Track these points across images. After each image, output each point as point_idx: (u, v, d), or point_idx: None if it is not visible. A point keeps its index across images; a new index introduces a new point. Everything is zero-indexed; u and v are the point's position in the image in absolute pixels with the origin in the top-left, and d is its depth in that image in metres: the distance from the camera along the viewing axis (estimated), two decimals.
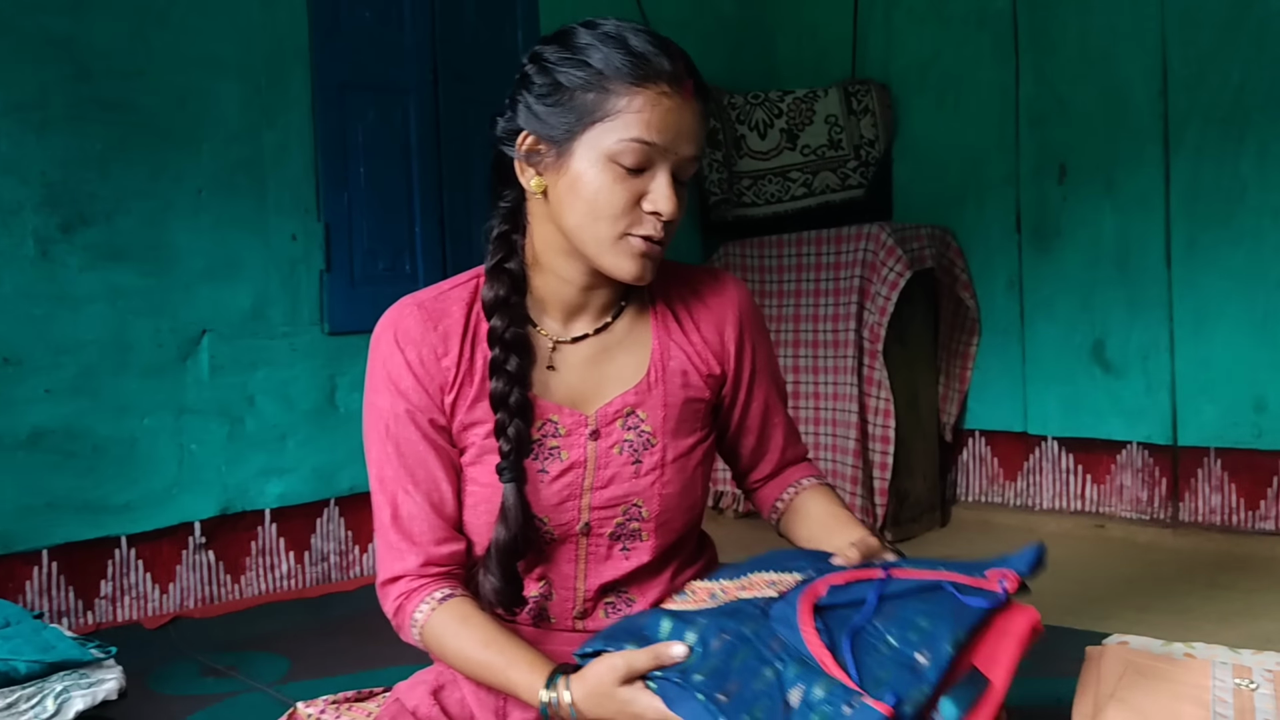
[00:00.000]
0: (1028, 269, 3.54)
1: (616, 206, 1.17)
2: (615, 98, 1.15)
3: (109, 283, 2.60)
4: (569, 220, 1.20)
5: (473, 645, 1.19)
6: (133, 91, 2.64)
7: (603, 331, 1.30)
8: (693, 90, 1.19)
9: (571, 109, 1.17)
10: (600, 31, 1.18)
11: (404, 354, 1.24)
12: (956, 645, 1.01)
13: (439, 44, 3.17)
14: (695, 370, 1.32)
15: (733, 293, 1.36)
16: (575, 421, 1.27)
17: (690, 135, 1.18)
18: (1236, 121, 3.07)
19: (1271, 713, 1.21)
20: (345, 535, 3.00)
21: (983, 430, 3.67)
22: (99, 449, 2.58)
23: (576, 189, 1.18)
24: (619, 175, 1.16)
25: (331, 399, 2.97)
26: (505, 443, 1.23)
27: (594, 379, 1.29)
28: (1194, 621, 2.45)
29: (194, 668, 2.38)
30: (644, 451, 1.28)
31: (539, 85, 1.20)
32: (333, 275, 2.96)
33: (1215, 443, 3.15)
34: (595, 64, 1.16)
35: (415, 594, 1.23)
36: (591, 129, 1.16)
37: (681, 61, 1.19)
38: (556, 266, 1.26)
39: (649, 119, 1.15)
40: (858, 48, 3.94)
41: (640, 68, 1.15)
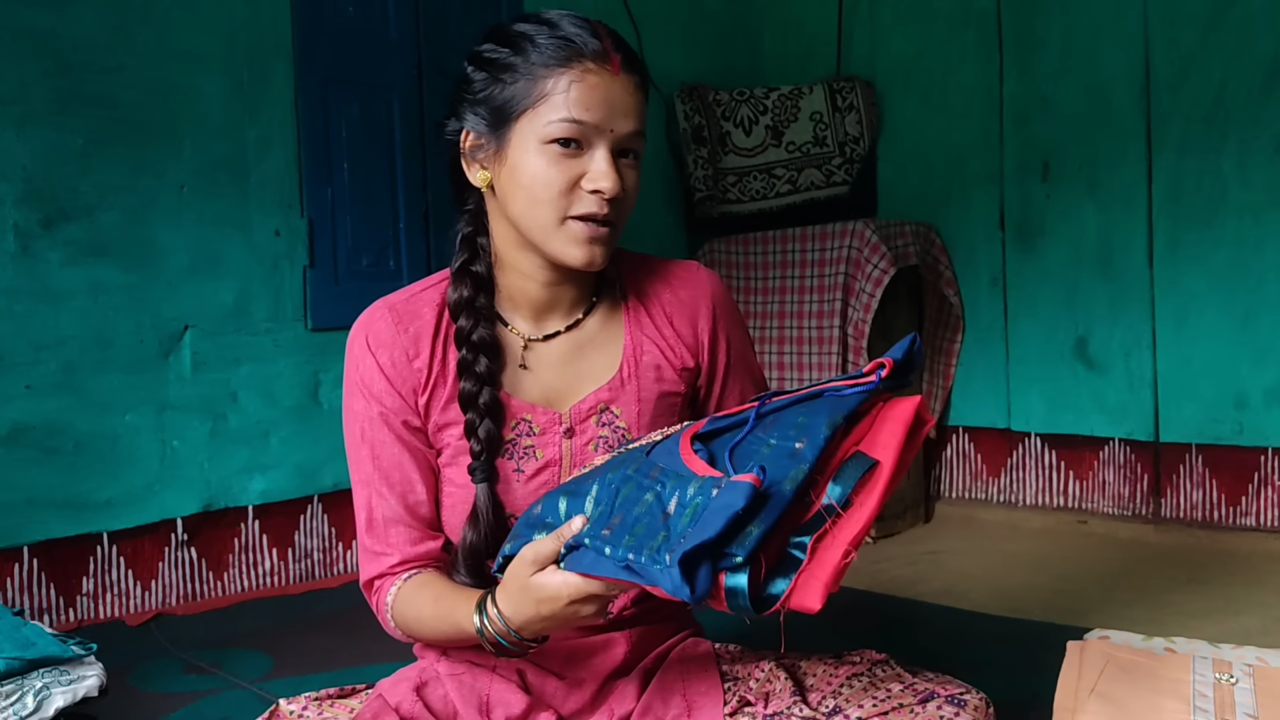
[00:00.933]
0: (1011, 266, 3.55)
1: (554, 189, 1.17)
2: (543, 81, 1.16)
3: (90, 278, 2.58)
4: (513, 209, 1.21)
5: (426, 604, 1.22)
6: (114, 86, 2.62)
7: (574, 329, 1.30)
8: (621, 65, 1.18)
9: (503, 99, 1.19)
10: (530, 22, 1.20)
11: (375, 357, 1.25)
12: (833, 427, 1.00)
13: (423, 39, 3.16)
14: (669, 364, 1.32)
15: (705, 284, 1.36)
16: (549, 420, 1.27)
17: (624, 110, 1.18)
18: (1218, 120, 3.09)
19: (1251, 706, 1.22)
20: (329, 532, 2.99)
21: (966, 427, 3.69)
22: (80, 445, 2.57)
23: (516, 177, 1.19)
24: (555, 157, 1.17)
25: (315, 395, 2.96)
26: (476, 443, 1.24)
27: (568, 377, 1.29)
28: (1175, 617, 2.46)
29: (176, 665, 2.36)
30: (619, 448, 1.28)
31: (476, 82, 1.22)
32: (316, 271, 2.95)
33: (1196, 439, 3.17)
34: (524, 53, 1.18)
35: (386, 584, 1.27)
36: (524, 115, 1.17)
37: (610, 39, 1.19)
38: (517, 262, 1.26)
39: (576, 96, 1.16)
40: (843, 45, 3.95)
41: (564, 49, 1.16)
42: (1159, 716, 1.19)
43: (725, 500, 0.92)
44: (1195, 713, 1.20)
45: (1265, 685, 1.26)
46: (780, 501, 0.95)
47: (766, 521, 0.93)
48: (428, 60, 3.16)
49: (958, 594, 2.74)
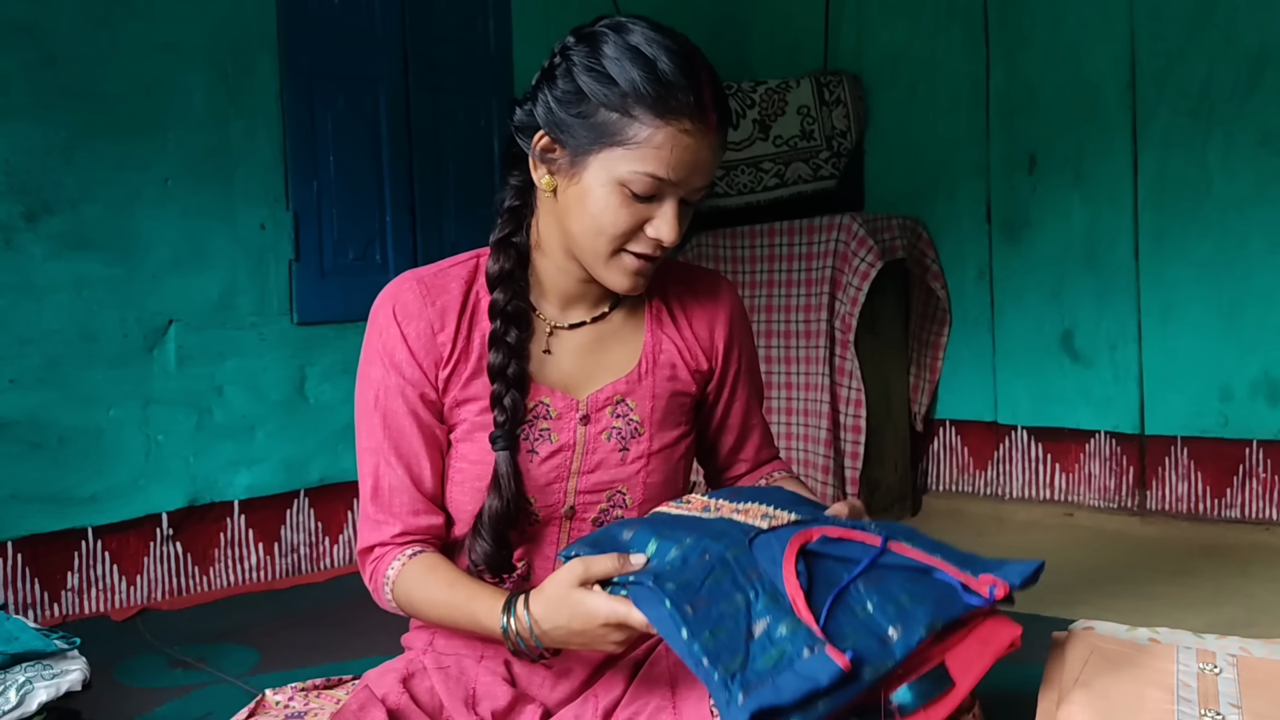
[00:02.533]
0: (998, 260, 3.56)
1: (619, 228, 1.18)
2: (637, 125, 1.13)
3: (74, 272, 2.57)
4: (573, 227, 1.21)
5: (439, 588, 1.21)
6: (98, 79, 2.61)
7: (599, 320, 1.32)
8: (715, 124, 1.16)
9: (592, 124, 1.15)
10: (630, 44, 1.15)
11: (400, 327, 1.25)
12: (930, 630, 1.00)
13: (409, 33, 3.15)
14: (684, 365, 1.34)
15: (726, 295, 1.38)
16: (566, 405, 1.28)
17: (705, 169, 1.17)
18: (1203, 114, 3.10)
19: (1234, 696, 1.22)
20: (315, 527, 2.98)
21: (953, 420, 3.69)
22: (65, 440, 2.56)
23: (584, 202, 1.18)
24: (627, 199, 1.16)
25: (301, 390, 2.95)
26: (500, 413, 1.24)
27: (587, 366, 1.31)
28: (1161, 608, 2.47)
29: (162, 660, 2.35)
30: (631, 440, 1.30)
31: (562, 88, 1.17)
32: (302, 265, 2.94)
33: (1182, 432, 3.18)
34: (621, 84, 1.13)
35: (387, 556, 1.26)
36: (608, 150, 1.15)
37: (709, 91, 1.15)
38: (556, 257, 1.27)
39: (666, 156, 1.13)
40: (830, 39, 3.95)
41: (666, 101, 1.12)
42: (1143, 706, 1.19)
43: (811, 671, 0.94)
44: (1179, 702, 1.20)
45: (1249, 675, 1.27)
46: (857, 688, 0.96)
47: (836, 704, 0.95)
48: (414, 53, 3.15)
49: None
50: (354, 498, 3.04)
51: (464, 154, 3.28)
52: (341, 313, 2.99)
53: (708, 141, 1.16)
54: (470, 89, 3.30)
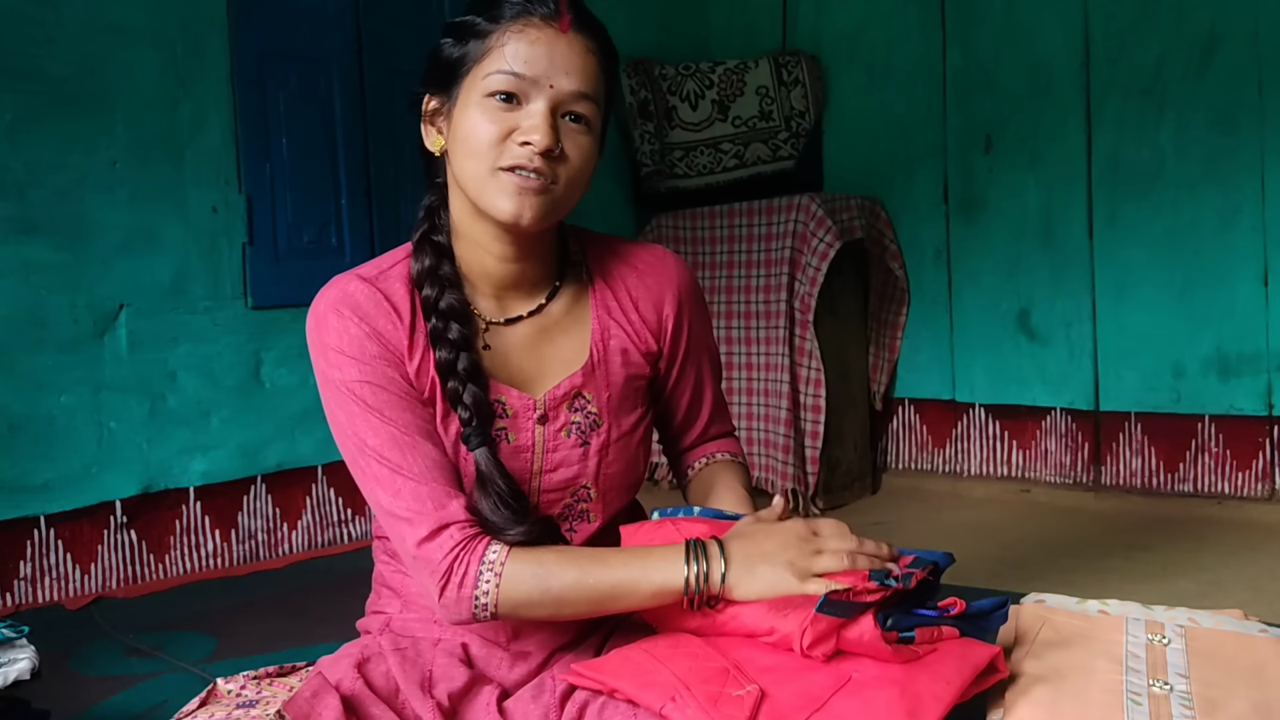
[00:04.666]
0: (955, 240, 3.58)
1: (486, 140, 1.16)
2: (489, 37, 1.16)
3: (21, 257, 2.52)
4: (456, 166, 1.19)
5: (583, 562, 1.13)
6: (42, 60, 2.55)
7: (538, 314, 1.28)
8: (570, 23, 1.17)
9: (451, 61, 1.19)
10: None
11: (359, 326, 1.19)
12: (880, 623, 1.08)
13: (362, 12, 3.11)
14: (634, 348, 1.31)
15: (671, 270, 1.35)
16: (523, 405, 1.25)
17: (567, 67, 1.16)
18: (1156, 94, 3.13)
19: (1182, 666, 1.24)
20: (273, 513, 2.95)
21: (912, 399, 3.72)
22: (15, 428, 2.51)
23: (458, 133, 1.18)
24: (493, 110, 1.16)
25: (256, 374, 2.91)
26: (463, 410, 1.19)
27: (536, 361, 1.27)
28: (1114, 581, 2.51)
29: (117, 648, 2.33)
30: (590, 433, 1.28)
31: (439, 48, 1.21)
32: (255, 248, 2.90)
33: (1135, 408, 3.22)
34: (477, 13, 1.18)
35: (474, 543, 1.14)
36: (470, 72, 1.17)
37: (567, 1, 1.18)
38: (473, 232, 1.23)
39: (515, 49, 1.15)
40: (788, 19, 3.94)
41: (513, 7, 1.17)
42: (1092, 677, 1.20)
43: None
44: (1127, 673, 1.22)
45: (1196, 645, 1.29)
46: None
47: None
48: (367, 33, 3.11)
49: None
50: (312, 483, 3.02)
51: (420, 135, 3.24)
52: (297, 296, 2.95)
53: (565, 39, 1.17)
54: None
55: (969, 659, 1.11)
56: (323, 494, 3.04)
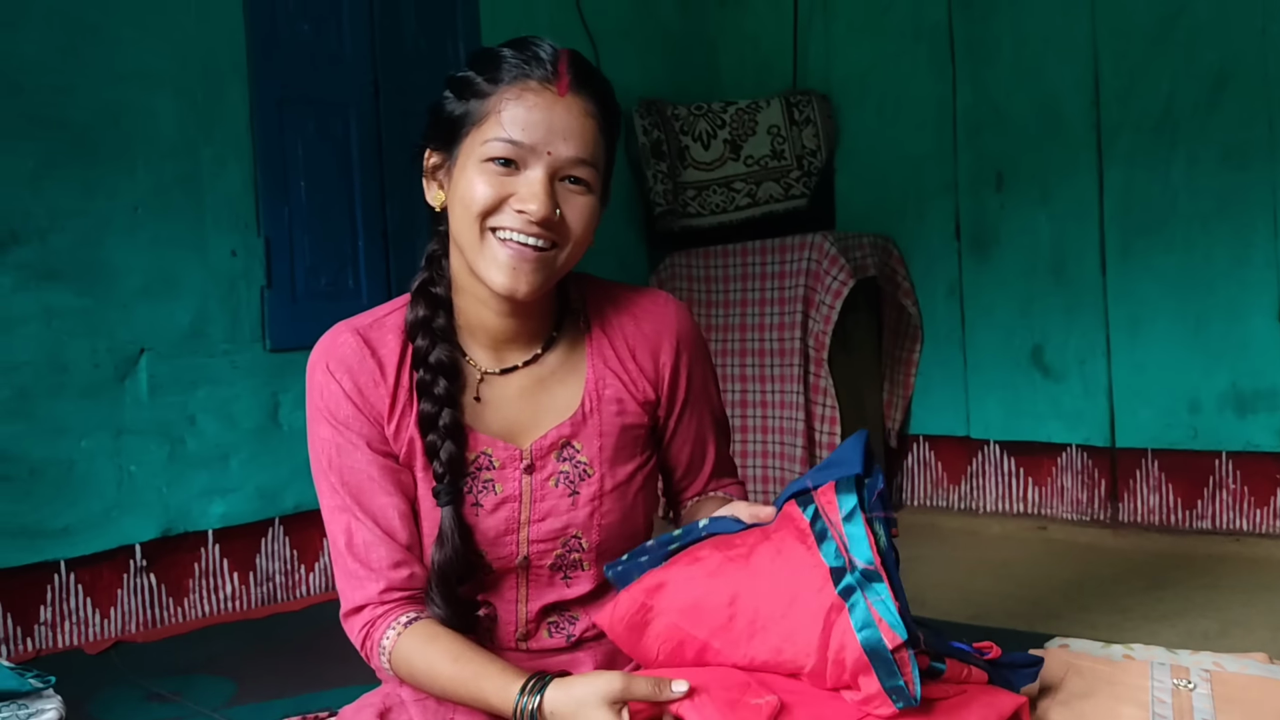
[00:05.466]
0: (967, 276, 3.59)
1: (482, 205, 1.16)
2: (481, 101, 1.17)
3: (43, 302, 2.55)
4: (455, 228, 1.20)
5: (442, 661, 1.17)
6: (65, 107, 2.59)
7: (533, 363, 1.28)
8: (569, 85, 1.16)
9: (452, 120, 1.19)
10: (506, 45, 1.20)
11: (339, 383, 1.22)
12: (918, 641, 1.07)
13: (379, 56, 3.15)
14: (630, 397, 1.30)
15: (671, 317, 1.33)
16: (509, 455, 1.25)
17: (565, 133, 1.15)
18: (1167, 131, 3.14)
19: (1209, 712, 1.23)
20: (290, 555, 2.96)
21: (927, 435, 3.72)
22: (36, 472, 2.53)
23: (457, 193, 1.19)
24: (490, 175, 1.16)
25: (274, 417, 2.93)
26: (438, 465, 1.22)
27: (528, 412, 1.27)
28: (1134, 621, 2.50)
29: (137, 693, 2.33)
30: (580, 483, 1.27)
31: (441, 104, 1.22)
32: (274, 291, 2.93)
33: (1152, 444, 3.22)
34: (477, 72, 1.18)
35: (380, 620, 1.21)
36: (470, 135, 1.17)
37: (564, 62, 1.17)
38: (472, 287, 1.24)
39: (513, 115, 1.15)
40: (799, 59, 3.98)
41: (512, 70, 1.17)
42: None
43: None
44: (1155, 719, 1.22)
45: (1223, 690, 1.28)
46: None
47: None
48: (384, 78, 3.15)
49: (920, 601, 2.76)
50: None
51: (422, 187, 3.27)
52: (314, 339, 2.89)
53: (564, 104, 1.16)
54: None
55: (995, 707, 1.11)
56: None
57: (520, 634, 1.30)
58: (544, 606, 1.29)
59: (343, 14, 3.07)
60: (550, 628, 1.31)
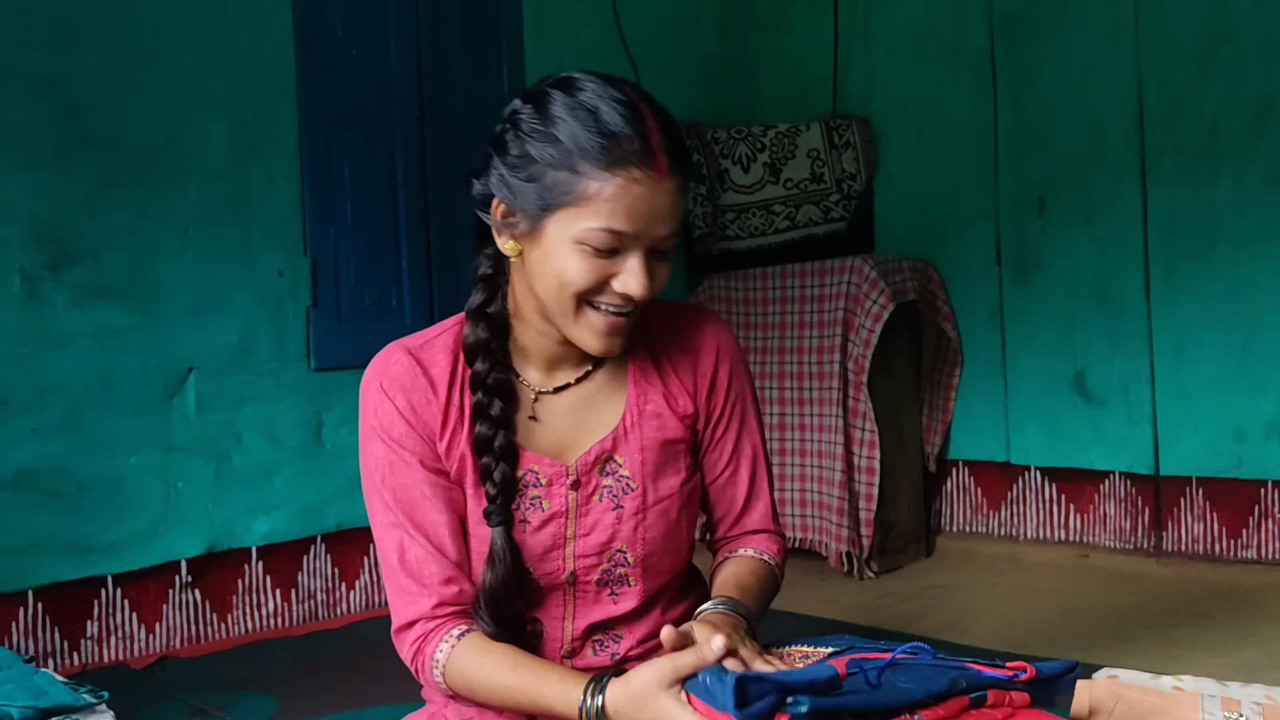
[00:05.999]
0: (1008, 300, 3.57)
1: (582, 286, 1.16)
2: (585, 181, 1.12)
3: (96, 320, 2.59)
4: (539, 289, 1.20)
5: (500, 671, 1.18)
6: (120, 128, 2.65)
7: (584, 380, 1.30)
8: (667, 169, 1.14)
9: (542, 187, 1.14)
10: (575, 100, 1.14)
11: (393, 402, 1.24)
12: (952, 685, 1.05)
13: (425, 81, 3.19)
14: (671, 412, 1.31)
15: (712, 333, 1.35)
16: (556, 472, 1.27)
17: (664, 216, 1.15)
18: (1212, 155, 3.12)
19: None
20: (332, 573, 2.98)
21: (966, 460, 3.69)
22: (85, 488, 2.57)
23: (546, 264, 1.17)
24: (589, 256, 1.15)
25: (318, 435, 2.96)
26: (491, 486, 1.23)
27: (575, 428, 1.29)
28: (1180, 651, 2.46)
29: (181, 708, 2.35)
30: (623, 497, 1.28)
31: (512, 154, 1.17)
32: (319, 311, 2.96)
33: (1197, 472, 3.18)
34: (566, 142, 1.12)
35: (432, 635, 1.22)
36: (563, 210, 1.14)
37: (658, 137, 1.14)
38: (534, 321, 1.25)
39: (616, 208, 1.12)
40: (839, 83, 3.99)
41: (610, 152, 1.11)
42: None
43: (813, 670, 1.02)
44: None
45: None
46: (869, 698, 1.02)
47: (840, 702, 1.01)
48: (429, 100, 3.19)
49: (961, 629, 2.74)
50: (369, 543, 3.05)
51: (471, 205, 3.30)
52: (358, 358, 2.97)
53: (663, 188, 1.14)
54: (485, 135, 3.32)
55: None
56: None
57: (565, 651, 1.31)
58: (589, 625, 1.30)
59: (390, 39, 3.11)
60: (595, 646, 1.32)
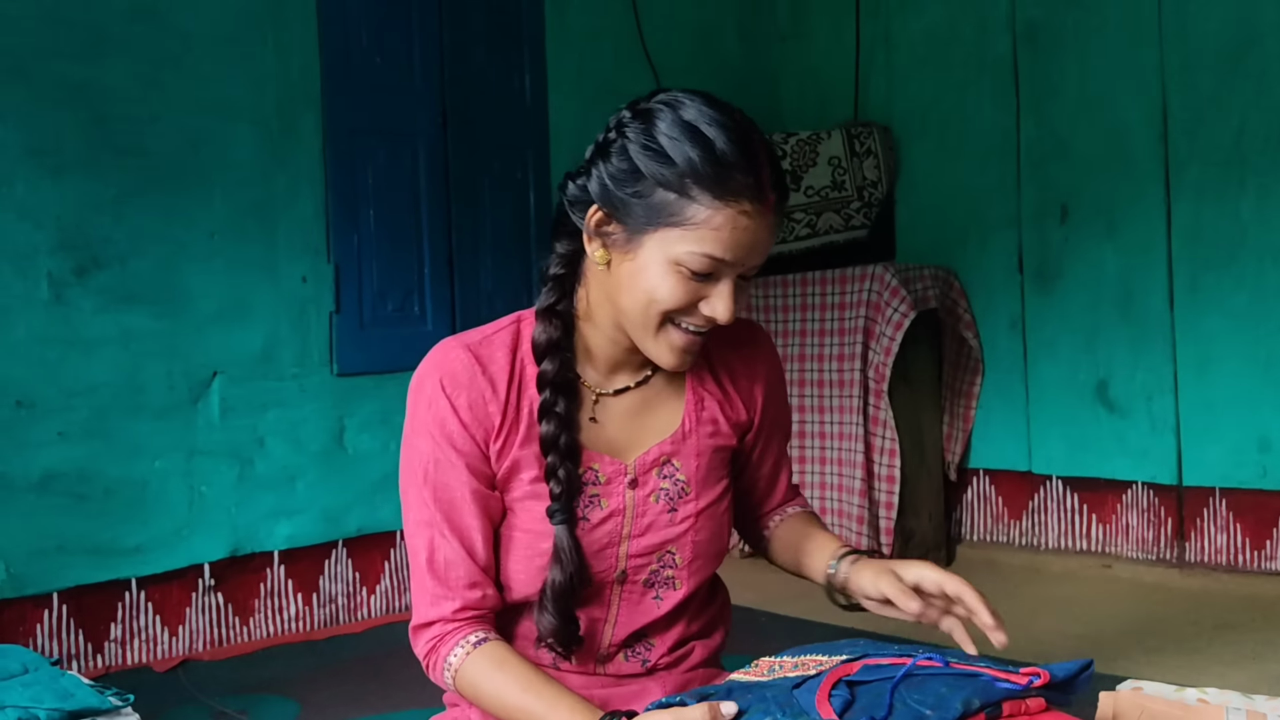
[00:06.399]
0: (1030, 309, 3.56)
1: (672, 305, 1.17)
2: (695, 206, 1.13)
3: (122, 325, 2.62)
4: (624, 300, 1.20)
5: (510, 689, 1.19)
6: (147, 136, 2.67)
7: (643, 385, 1.32)
8: (774, 204, 1.17)
9: (649, 203, 1.15)
10: (687, 121, 1.14)
11: (451, 400, 1.23)
12: (966, 706, 1.03)
13: (448, 88, 3.21)
14: (725, 419, 1.35)
15: (764, 345, 1.40)
16: (615, 470, 1.28)
17: (762, 248, 1.17)
18: (1236, 164, 3.10)
19: None
20: (353, 577, 3.00)
21: (987, 469, 3.68)
22: (110, 491, 2.59)
23: (638, 279, 1.18)
24: (683, 278, 1.16)
25: (340, 440, 2.97)
26: (556, 485, 1.24)
27: (633, 429, 1.31)
28: (1203, 663, 2.45)
29: (203, 712, 2.37)
30: (679, 500, 1.31)
31: (617, 165, 1.17)
32: (342, 317, 2.98)
33: (1220, 483, 3.16)
34: (679, 163, 1.13)
35: (449, 637, 1.24)
36: (665, 230, 1.14)
37: (768, 171, 1.15)
38: (605, 328, 1.27)
39: (725, 238, 1.13)
40: (860, 91, 3.99)
41: (725, 182, 1.12)
42: None
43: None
44: None
45: None
46: None
47: None
48: (452, 108, 3.21)
49: (983, 639, 2.72)
50: (390, 548, 3.06)
51: (500, 207, 3.33)
52: (380, 364, 3.02)
53: (766, 221, 1.16)
54: (506, 142, 3.36)
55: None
56: (401, 559, 3.08)
57: (601, 655, 1.32)
58: (630, 633, 1.32)
59: (414, 47, 3.13)
60: (628, 652, 1.33)
